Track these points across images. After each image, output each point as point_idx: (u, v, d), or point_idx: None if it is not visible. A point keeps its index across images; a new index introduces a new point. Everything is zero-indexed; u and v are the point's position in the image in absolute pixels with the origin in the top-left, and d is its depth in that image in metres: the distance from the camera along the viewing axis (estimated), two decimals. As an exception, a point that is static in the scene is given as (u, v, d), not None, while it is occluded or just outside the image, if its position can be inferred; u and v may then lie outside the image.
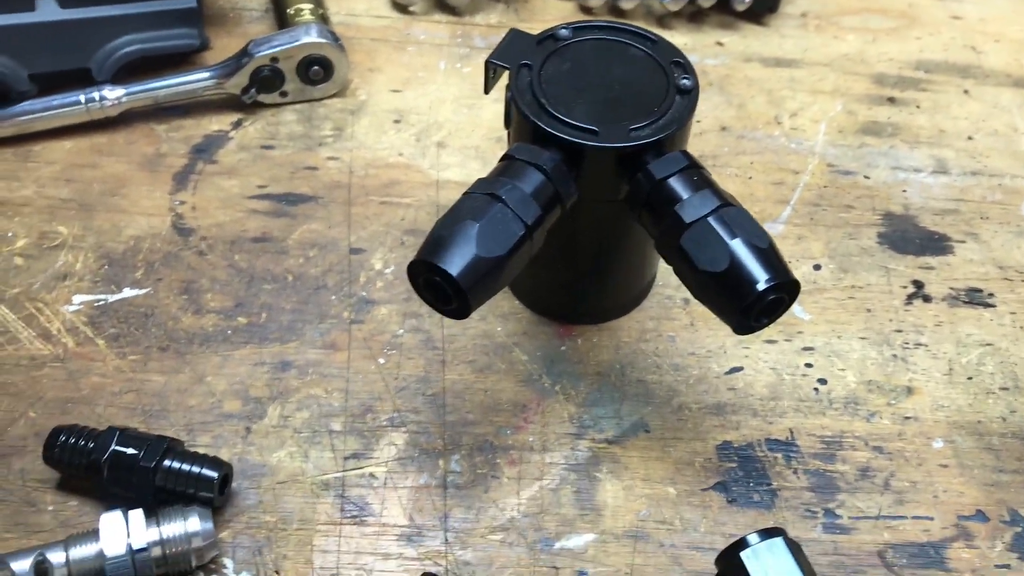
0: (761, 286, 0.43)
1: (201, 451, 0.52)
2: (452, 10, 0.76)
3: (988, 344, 0.59)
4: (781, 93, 0.72)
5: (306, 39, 0.67)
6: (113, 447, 0.49)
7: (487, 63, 0.52)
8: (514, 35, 0.52)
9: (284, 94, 0.68)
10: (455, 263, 0.43)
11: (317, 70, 0.67)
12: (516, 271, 0.46)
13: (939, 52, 0.75)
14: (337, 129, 0.68)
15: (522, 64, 0.51)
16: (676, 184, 0.47)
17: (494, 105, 0.70)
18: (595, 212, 0.51)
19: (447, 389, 0.56)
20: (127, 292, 0.59)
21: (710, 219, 0.45)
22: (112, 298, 0.58)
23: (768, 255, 0.44)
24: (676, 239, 0.45)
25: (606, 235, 0.54)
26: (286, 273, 0.60)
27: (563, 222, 0.48)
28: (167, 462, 0.49)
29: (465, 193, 0.47)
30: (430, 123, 0.69)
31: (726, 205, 0.46)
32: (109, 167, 0.65)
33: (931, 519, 0.52)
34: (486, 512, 0.51)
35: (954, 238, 0.64)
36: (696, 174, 0.47)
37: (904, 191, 0.66)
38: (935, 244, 0.63)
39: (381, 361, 0.57)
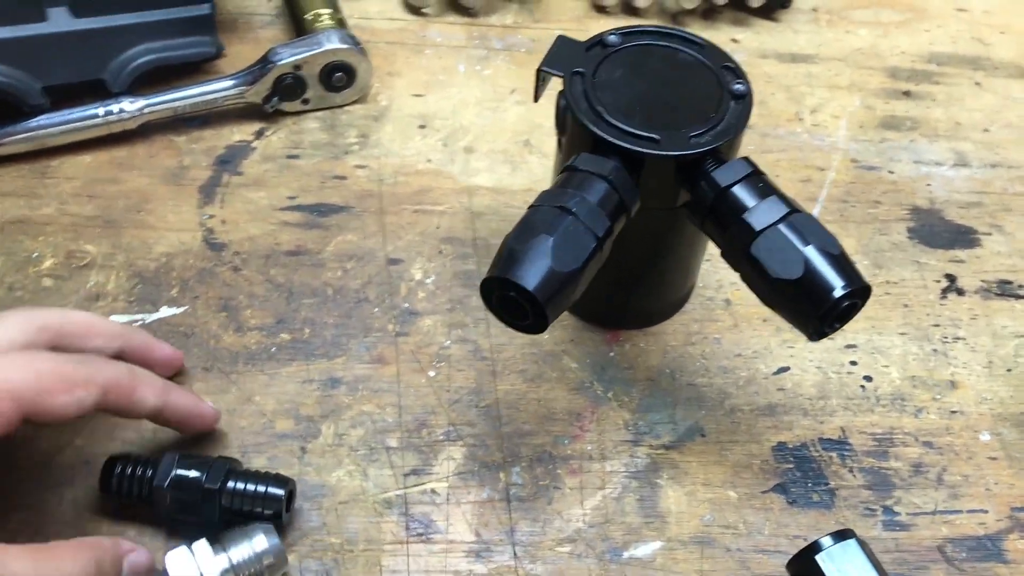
0: (838, 293, 0.43)
1: (257, 473, 0.51)
2: (466, 11, 0.75)
3: (1023, 336, 0.60)
4: (800, 89, 0.72)
5: (329, 45, 0.65)
6: (175, 472, 0.48)
7: (538, 71, 0.51)
8: (562, 42, 0.52)
9: (306, 101, 0.67)
10: (532, 278, 0.43)
11: (340, 76, 0.66)
12: (587, 283, 0.46)
13: (948, 44, 0.76)
14: (362, 136, 0.67)
15: (574, 72, 0.50)
16: (741, 192, 0.47)
17: (516, 107, 0.70)
18: (649, 219, 0.51)
19: (500, 400, 0.55)
20: (164, 311, 0.57)
21: (781, 226, 0.45)
22: (150, 318, 0.57)
23: (841, 261, 0.44)
24: (746, 247, 0.46)
25: (657, 241, 0.54)
26: (325, 286, 0.59)
27: (619, 229, 0.48)
28: (231, 483, 0.48)
29: (532, 206, 0.46)
30: (455, 127, 0.68)
31: (795, 211, 0.46)
32: (131, 182, 0.63)
33: (985, 511, 0.53)
34: (552, 524, 0.51)
35: (980, 231, 0.65)
36: (760, 180, 0.47)
37: (928, 185, 0.67)
38: (963, 237, 0.64)
39: (431, 374, 0.56)
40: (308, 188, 0.64)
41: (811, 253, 0.44)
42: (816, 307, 0.44)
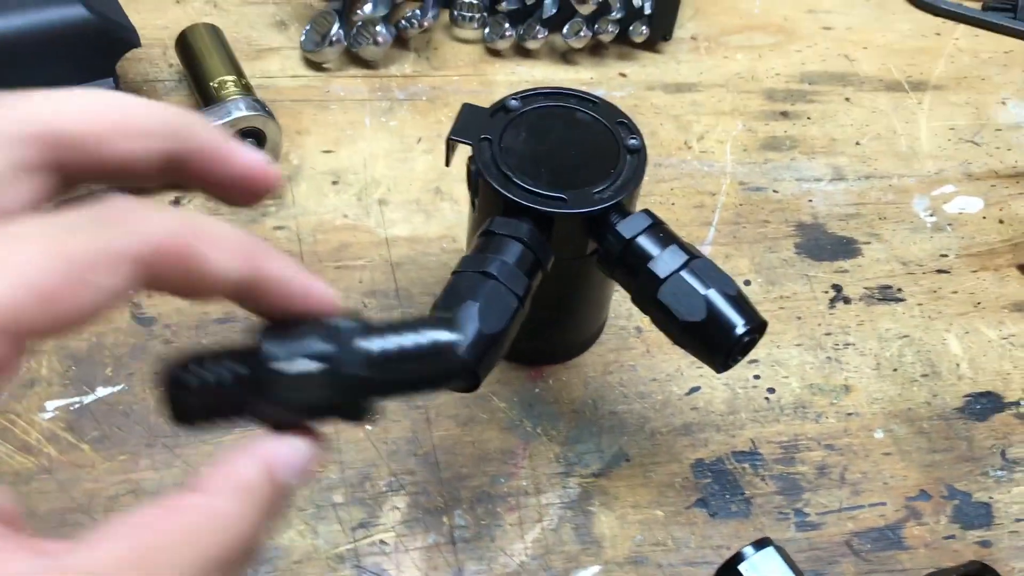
0: (739, 330, 0.48)
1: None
2: (366, 64, 0.78)
3: (905, 336, 0.66)
4: (687, 118, 0.77)
5: (237, 113, 0.67)
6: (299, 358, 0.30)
7: (448, 140, 0.54)
8: (468, 109, 0.55)
9: (218, 168, 0.69)
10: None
11: (251, 142, 0.68)
12: (512, 338, 0.49)
13: (818, 63, 0.82)
14: (278, 197, 0.69)
15: (482, 138, 0.54)
16: (645, 242, 0.51)
17: (424, 156, 0.73)
18: (562, 267, 0.55)
19: (437, 446, 0.58)
20: (101, 391, 0.59)
21: (683, 273, 0.50)
22: (87, 399, 0.58)
23: (739, 301, 0.49)
24: (653, 293, 0.50)
25: (571, 286, 0.57)
26: (257, 351, 0.61)
27: (535, 280, 0.52)
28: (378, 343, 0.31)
29: (455, 272, 0.49)
30: (368, 181, 0.71)
31: (694, 258, 0.50)
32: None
33: (884, 504, 0.59)
34: (496, 561, 0.55)
35: (860, 240, 0.71)
36: (661, 230, 0.51)
37: (810, 200, 0.73)
38: (845, 248, 0.70)
39: (368, 427, 0.59)
40: (230, 254, 0.66)
41: (712, 296, 0.49)
42: (720, 345, 0.49)
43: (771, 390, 0.63)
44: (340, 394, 0.30)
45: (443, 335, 0.31)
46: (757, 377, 0.63)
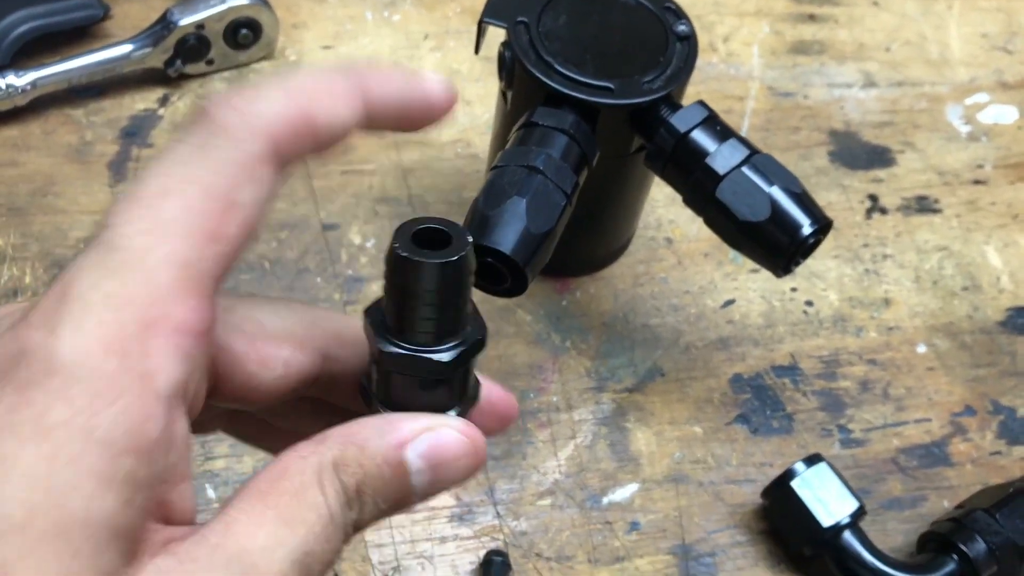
0: (806, 230, 0.44)
1: (221, 462, 0.49)
2: (366, -46, 0.72)
3: (944, 248, 0.63)
4: (709, 18, 0.72)
5: (232, 2, 0.61)
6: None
7: (480, 23, 0.49)
8: (500, -10, 0.50)
9: (210, 62, 0.63)
10: (509, 242, 0.42)
11: (246, 33, 0.62)
12: (558, 239, 0.45)
13: (843, -35, 0.78)
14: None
15: (518, 21, 0.49)
16: (700, 136, 0.47)
17: (432, 55, 0.67)
18: (601, 167, 0.51)
19: (461, 360, 0.54)
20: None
21: (744, 168, 0.45)
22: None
23: (804, 199, 0.45)
24: (711, 191, 0.46)
25: (608, 188, 0.53)
26: (262, 260, 0.57)
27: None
28: None
29: (495, 167, 0.45)
30: (372, 80, 0.65)
31: (755, 153, 0.46)
32: (32, 163, 0.58)
33: (929, 420, 0.56)
34: (529, 479, 0.51)
35: (895, 149, 0.67)
36: (718, 123, 0.47)
37: (842, 107, 0.69)
38: (880, 157, 0.67)
39: (386, 341, 0.54)
40: (227, 156, 0.60)
41: (776, 193, 0.45)
42: (785, 246, 0.45)
43: (809, 303, 0.59)
44: None
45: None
46: (794, 289, 0.60)
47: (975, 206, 0.65)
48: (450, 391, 0.29)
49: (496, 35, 0.50)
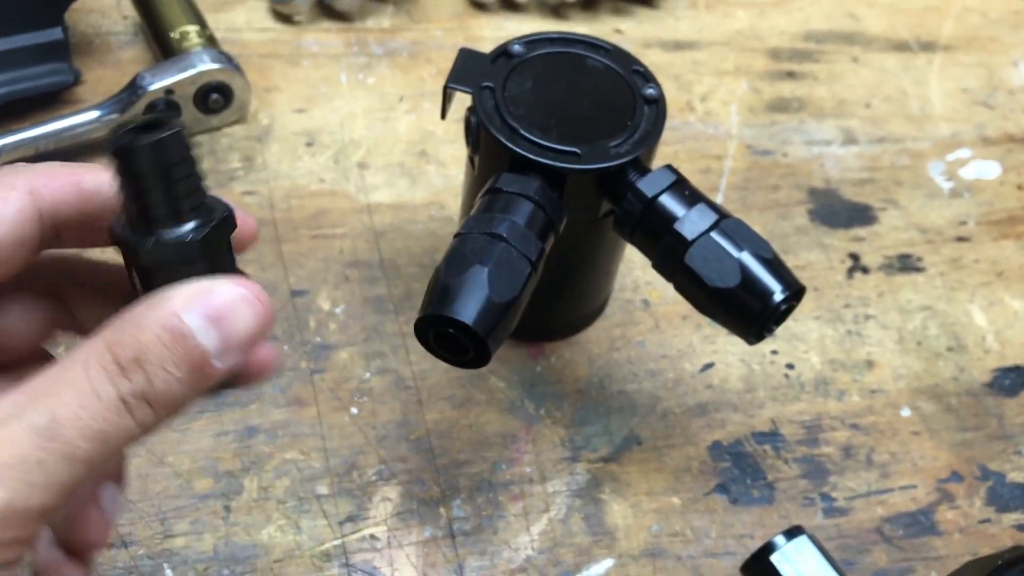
0: (778, 297, 0.43)
1: (180, 540, 0.47)
2: (340, 16, 0.71)
3: (927, 307, 0.62)
4: (688, 78, 0.72)
5: (202, 66, 0.61)
6: None
7: (445, 88, 0.49)
8: (466, 55, 0.50)
9: (181, 127, 0.62)
10: (470, 313, 0.41)
11: (217, 98, 0.62)
12: (523, 308, 0.44)
13: (823, 22, 0.78)
14: (247, 159, 0.63)
15: (483, 86, 0.48)
16: (669, 201, 0.46)
17: (407, 116, 0.67)
18: (571, 231, 0.50)
19: (431, 430, 0.53)
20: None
21: (713, 234, 0.44)
22: (36, 383, 0.52)
23: (776, 265, 0.44)
24: (680, 258, 0.45)
25: (580, 252, 0.52)
26: (228, 327, 0.55)
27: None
28: None
29: (459, 234, 0.44)
30: (345, 142, 0.65)
31: (724, 217, 0.45)
32: (-4, 231, 0.57)
33: (915, 487, 0.54)
34: (500, 555, 0.50)
35: (876, 207, 0.66)
36: (686, 188, 0.46)
37: (822, 164, 0.68)
38: (861, 215, 0.66)
39: (354, 411, 0.53)
40: (196, 221, 0.59)
41: (747, 259, 0.44)
42: (756, 313, 0.44)
43: (790, 366, 0.58)
44: None
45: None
46: (775, 352, 0.58)
47: (959, 264, 0.64)
48: (212, 269, 0.31)
49: (467, 99, 0.49)
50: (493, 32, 0.72)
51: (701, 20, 0.76)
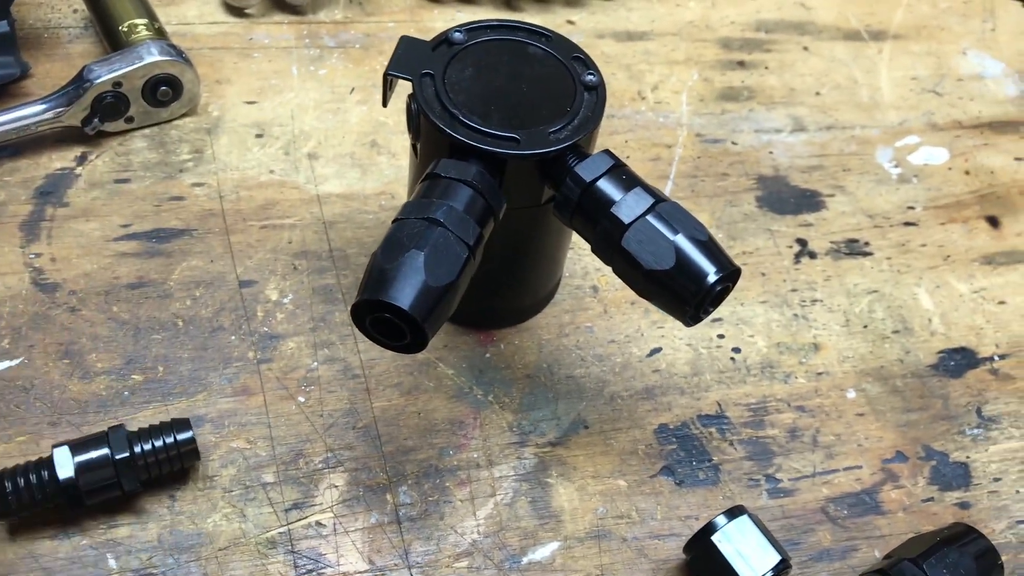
0: (711, 279, 0.44)
1: (124, 529, 0.47)
2: (293, 9, 0.71)
3: (874, 291, 0.62)
4: (639, 67, 0.72)
5: (150, 58, 0.61)
6: (76, 460, 0.46)
7: (385, 75, 0.49)
8: (406, 42, 0.50)
9: (130, 120, 0.62)
10: (406, 297, 0.41)
11: (165, 90, 0.62)
12: (462, 293, 0.44)
13: (774, 11, 0.78)
14: (196, 152, 0.63)
15: (424, 73, 0.48)
16: (606, 185, 0.46)
17: (358, 108, 0.67)
18: (514, 218, 0.50)
19: (378, 418, 0.53)
20: (-3, 366, 0.52)
21: (649, 217, 0.45)
22: (-20, 375, 0.52)
23: (710, 247, 0.44)
24: (616, 241, 0.45)
25: (525, 239, 0.52)
26: (175, 319, 0.55)
27: (485, 232, 0.47)
28: (138, 446, 0.48)
29: (396, 220, 0.44)
30: (296, 134, 0.65)
31: (660, 201, 0.45)
32: (-59, 225, 0.57)
33: (860, 467, 0.55)
34: (447, 540, 0.50)
35: (824, 193, 0.67)
36: (623, 172, 0.47)
37: (771, 152, 0.69)
38: (809, 201, 0.66)
39: (301, 400, 0.53)
40: (143, 213, 0.59)
41: (681, 241, 0.44)
42: (691, 295, 0.44)
43: (736, 350, 0.59)
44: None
45: (184, 434, 0.49)
46: (721, 336, 0.59)
47: (906, 248, 0.65)
48: None
49: (410, 87, 0.49)
50: (446, 23, 0.73)
51: (653, 11, 0.77)
